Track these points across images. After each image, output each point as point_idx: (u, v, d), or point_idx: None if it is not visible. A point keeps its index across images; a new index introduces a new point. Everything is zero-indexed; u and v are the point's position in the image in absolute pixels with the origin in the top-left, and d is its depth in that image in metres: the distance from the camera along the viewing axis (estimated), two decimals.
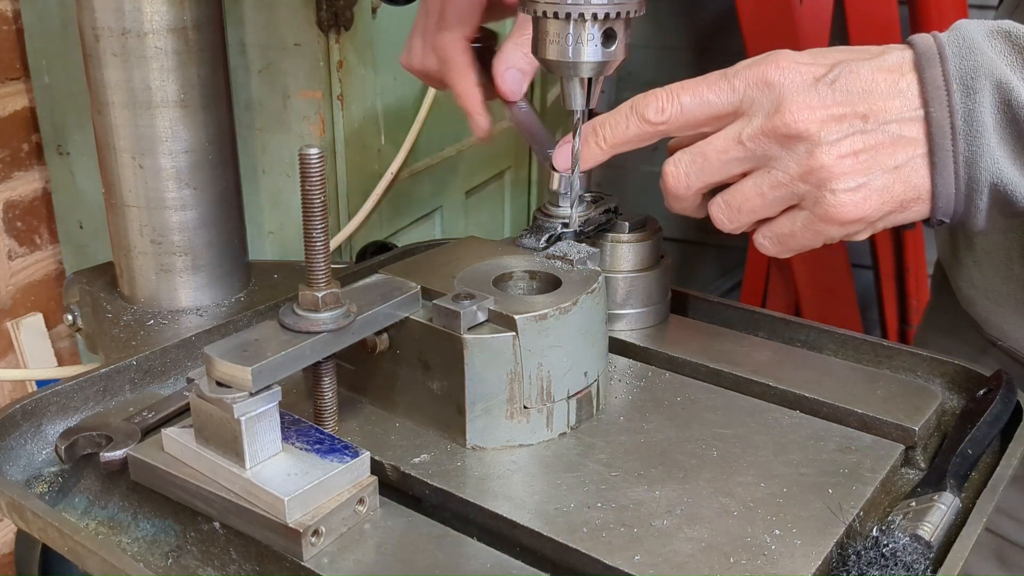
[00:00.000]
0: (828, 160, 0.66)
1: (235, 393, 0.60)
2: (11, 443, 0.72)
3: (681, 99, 0.70)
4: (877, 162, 0.66)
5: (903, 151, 0.66)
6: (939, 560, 0.60)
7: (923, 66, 0.65)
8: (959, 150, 0.65)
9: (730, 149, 0.69)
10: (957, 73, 0.64)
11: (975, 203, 0.66)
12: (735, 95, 0.68)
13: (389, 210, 1.37)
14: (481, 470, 0.68)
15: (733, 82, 0.68)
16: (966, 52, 0.65)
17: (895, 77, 0.66)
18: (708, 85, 0.69)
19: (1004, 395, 0.75)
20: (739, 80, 0.68)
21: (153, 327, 0.94)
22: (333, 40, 1.20)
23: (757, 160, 0.69)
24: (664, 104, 0.70)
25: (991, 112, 0.64)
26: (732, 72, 0.69)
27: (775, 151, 0.67)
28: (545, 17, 0.74)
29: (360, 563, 0.60)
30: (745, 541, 0.61)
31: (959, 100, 0.64)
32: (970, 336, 0.99)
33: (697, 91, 0.69)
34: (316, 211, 0.63)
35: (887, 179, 0.67)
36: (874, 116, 0.66)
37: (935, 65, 0.65)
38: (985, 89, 0.64)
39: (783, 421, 0.74)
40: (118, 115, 0.92)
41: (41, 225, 1.49)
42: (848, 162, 0.66)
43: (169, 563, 0.64)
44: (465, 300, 0.69)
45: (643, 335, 0.87)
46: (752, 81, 0.67)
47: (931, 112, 0.65)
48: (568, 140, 0.78)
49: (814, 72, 0.67)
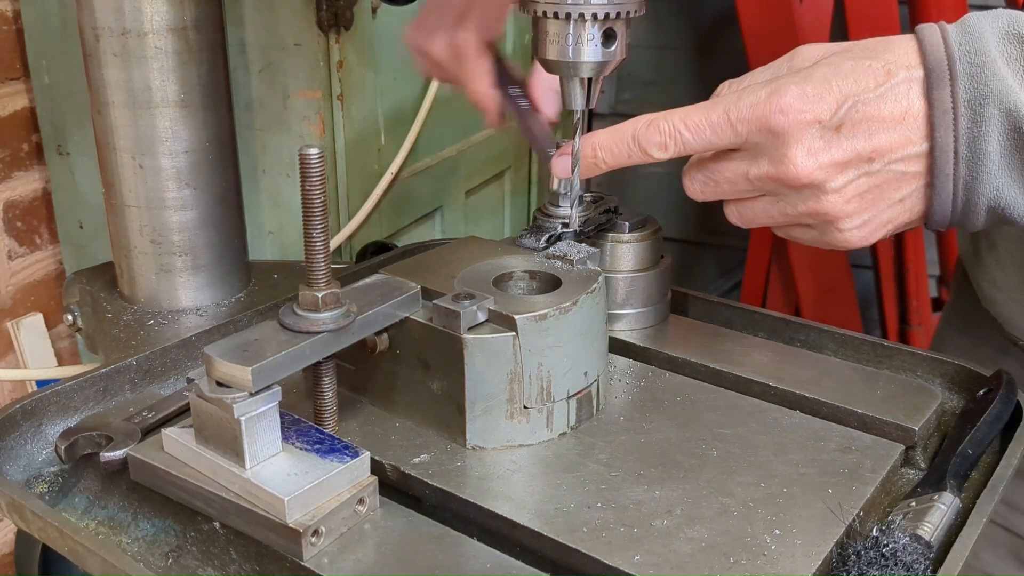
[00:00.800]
0: (835, 206, 0.66)
1: (235, 393, 0.60)
2: (11, 443, 0.72)
3: (684, 137, 0.69)
4: (882, 199, 0.67)
5: (907, 185, 0.66)
6: (939, 560, 0.60)
7: (933, 85, 0.64)
8: (959, 174, 0.64)
9: (739, 182, 0.69)
10: (966, 96, 0.63)
11: (970, 219, 0.67)
12: (738, 138, 0.67)
13: (389, 210, 1.37)
14: (481, 470, 0.68)
15: (737, 127, 0.67)
16: (977, 71, 0.63)
17: (902, 109, 0.65)
18: (712, 127, 0.68)
19: (1004, 395, 0.75)
20: (742, 125, 0.67)
21: (153, 327, 0.94)
22: (333, 40, 1.20)
23: (767, 192, 0.69)
24: (667, 141, 0.69)
25: (997, 139, 0.63)
26: (736, 113, 0.67)
27: (783, 191, 0.68)
28: (545, 17, 0.74)
29: (360, 563, 0.60)
30: (745, 541, 0.61)
31: (965, 125, 0.63)
32: (991, 336, 0.98)
33: (701, 133, 0.68)
34: (316, 211, 0.63)
35: (891, 212, 0.67)
36: (880, 157, 0.65)
37: (944, 86, 0.64)
38: (993, 117, 0.63)
39: (783, 421, 0.74)
40: (118, 115, 0.92)
41: (41, 225, 1.49)
42: (854, 204, 0.66)
43: (169, 563, 0.64)
44: (465, 300, 0.69)
45: (643, 335, 0.87)
46: (755, 127, 0.66)
47: (936, 138, 0.64)
48: (568, 148, 0.78)
49: (819, 114, 0.65)
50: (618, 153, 0.72)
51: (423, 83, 1.41)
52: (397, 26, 1.32)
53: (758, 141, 0.66)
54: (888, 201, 0.67)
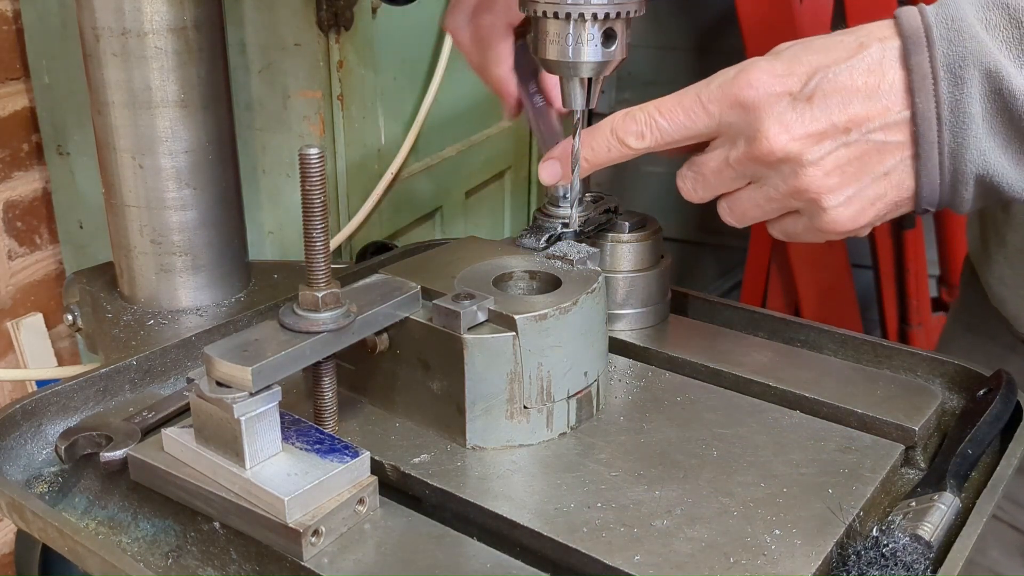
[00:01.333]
0: (815, 180, 0.65)
1: (235, 393, 0.60)
2: (11, 443, 0.72)
3: (659, 124, 0.68)
4: (865, 171, 0.65)
5: (891, 156, 0.65)
6: (939, 560, 0.60)
7: (910, 52, 0.63)
8: (944, 141, 0.63)
9: (722, 170, 0.69)
10: (944, 60, 0.62)
11: (960, 193, 0.65)
12: (711, 120, 0.67)
13: (389, 210, 1.37)
14: (481, 470, 0.68)
15: (708, 107, 0.67)
16: (955, 35, 0.62)
17: (876, 78, 0.64)
18: (684, 111, 0.67)
19: (1004, 395, 0.75)
20: (713, 105, 0.66)
21: (153, 327, 0.94)
22: (333, 40, 1.20)
23: (750, 177, 0.68)
24: (643, 130, 0.69)
25: (979, 101, 0.62)
26: (707, 94, 0.67)
27: (763, 172, 0.67)
28: (545, 17, 0.74)
29: (360, 563, 0.60)
30: (745, 541, 0.61)
31: (945, 89, 0.62)
32: (999, 334, 0.98)
33: (675, 118, 0.68)
34: (316, 211, 0.63)
35: (878, 187, 0.66)
36: (857, 126, 0.64)
37: (922, 51, 0.62)
38: (974, 79, 0.62)
39: (783, 421, 0.74)
40: (118, 115, 0.92)
41: (41, 225, 1.49)
42: (835, 178, 0.65)
43: (169, 563, 0.64)
44: (465, 300, 0.69)
45: (643, 335, 0.87)
46: (727, 104, 0.66)
47: (916, 103, 0.63)
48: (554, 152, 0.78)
49: (789, 86, 0.64)
50: (598, 149, 0.72)
51: (423, 83, 1.41)
52: (397, 26, 1.33)
53: (731, 121, 0.66)
54: (872, 174, 0.65)
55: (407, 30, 1.36)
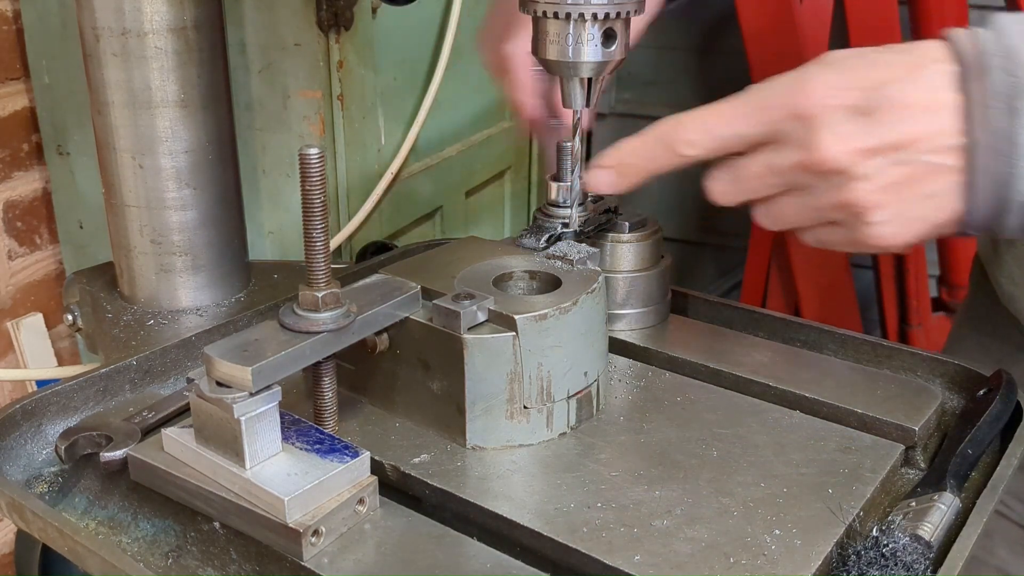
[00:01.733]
0: (863, 195, 0.64)
1: (235, 393, 0.60)
2: (11, 443, 0.72)
3: (713, 132, 0.68)
4: (913, 191, 0.65)
5: (940, 179, 0.64)
6: (939, 560, 0.60)
7: (966, 78, 0.63)
8: (994, 169, 0.63)
9: (765, 176, 0.68)
10: (1001, 90, 0.62)
11: (1004, 221, 0.65)
12: (768, 127, 0.66)
13: (389, 210, 1.37)
14: (481, 470, 0.68)
15: (766, 114, 0.66)
16: (1012, 66, 0.61)
17: (933, 100, 0.63)
18: (742, 117, 0.67)
19: (1004, 395, 0.75)
20: (772, 112, 0.66)
21: (153, 327, 0.94)
22: (333, 40, 1.20)
23: (793, 184, 0.68)
24: (696, 137, 0.68)
25: None
26: (762, 102, 0.66)
27: (810, 181, 0.66)
28: (545, 17, 0.74)
29: (360, 563, 0.60)
30: (745, 541, 0.61)
31: (1000, 119, 0.62)
32: (1009, 333, 0.98)
33: (731, 124, 0.67)
34: (316, 211, 0.63)
35: (923, 208, 0.65)
36: (911, 146, 0.63)
37: (978, 78, 0.62)
38: None
39: (783, 421, 0.74)
40: (118, 115, 0.92)
41: (41, 225, 1.49)
42: (883, 195, 0.64)
43: (169, 563, 0.64)
44: (465, 300, 0.69)
45: (643, 335, 0.87)
46: (784, 113, 0.65)
47: (970, 130, 0.63)
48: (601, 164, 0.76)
49: (847, 100, 0.64)
50: (645, 158, 0.71)
51: (423, 83, 1.41)
52: (397, 26, 1.33)
53: (785, 128, 0.65)
54: (919, 195, 0.65)
55: (407, 30, 1.36)
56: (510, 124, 1.67)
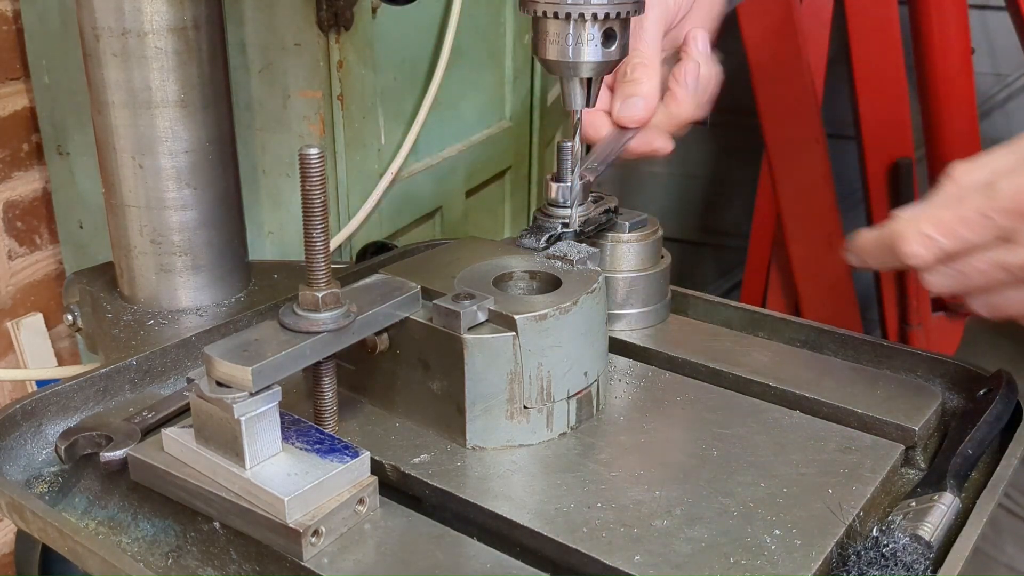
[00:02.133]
0: None
1: (235, 393, 0.60)
2: (11, 443, 0.72)
3: (939, 242, 0.68)
4: None
5: None
6: (939, 560, 0.60)
7: None
8: None
9: (995, 273, 0.68)
10: None
11: None
12: (995, 230, 0.66)
13: (389, 210, 1.37)
14: (481, 470, 0.68)
15: (993, 218, 0.66)
16: None
17: None
18: (968, 226, 0.67)
19: (1004, 395, 0.75)
20: (1000, 215, 0.66)
21: (153, 327, 0.94)
22: (333, 40, 1.20)
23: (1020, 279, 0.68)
24: (921, 250, 0.68)
25: None
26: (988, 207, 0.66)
27: None
28: (545, 17, 0.74)
29: (360, 563, 0.60)
30: (745, 541, 0.61)
31: None
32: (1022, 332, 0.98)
33: (957, 234, 0.67)
34: (316, 211, 0.63)
35: None
36: None
37: None
38: None
39: (783, 421, 0.74)
40: (118, 115, 0.92)
41: (41, 225, 1.49)
42: None
43: (169, 563, 0.64)
44: (465, 300, 0.69)
45: (643, 335, 0.87)
46: (1014, 216, 0.65)
47: None
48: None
49: None
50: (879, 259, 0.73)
51: (423, 83, 1.41)
52: (397, 26, 1.33)
53: (1016, 227, 0.66)
54: None
55: (407, 30, 1.36)
56: (510, 124, 1.68)
